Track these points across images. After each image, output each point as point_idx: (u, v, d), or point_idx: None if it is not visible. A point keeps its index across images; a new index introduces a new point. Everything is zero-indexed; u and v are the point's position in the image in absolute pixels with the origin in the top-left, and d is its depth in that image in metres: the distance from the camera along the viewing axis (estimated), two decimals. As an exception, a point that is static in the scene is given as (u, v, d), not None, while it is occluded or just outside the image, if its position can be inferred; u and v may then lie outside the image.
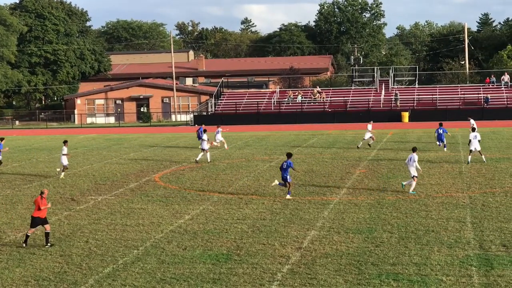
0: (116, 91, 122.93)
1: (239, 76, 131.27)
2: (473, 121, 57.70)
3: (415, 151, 34.46)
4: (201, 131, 52.34)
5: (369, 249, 23.06)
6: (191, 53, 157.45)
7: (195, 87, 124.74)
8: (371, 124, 58.52)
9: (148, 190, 36.73)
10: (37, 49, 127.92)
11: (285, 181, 33.24)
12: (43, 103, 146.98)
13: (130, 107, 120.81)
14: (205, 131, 49.65)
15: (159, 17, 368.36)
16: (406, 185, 34.03)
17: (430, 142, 58.50)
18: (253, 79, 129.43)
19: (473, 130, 45.53)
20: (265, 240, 24.78)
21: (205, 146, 48.53)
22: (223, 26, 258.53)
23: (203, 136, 48.89)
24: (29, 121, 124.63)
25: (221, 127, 59.29)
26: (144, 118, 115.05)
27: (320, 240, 24.40)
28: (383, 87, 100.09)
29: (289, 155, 34.61)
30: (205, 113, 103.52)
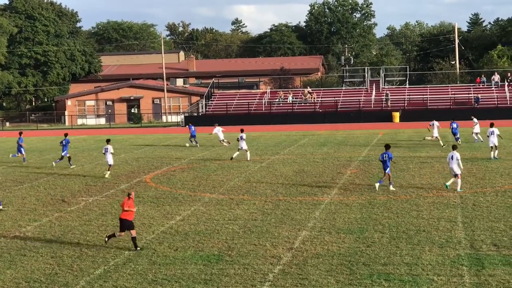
0: (106, 92, 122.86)
1: (230, 76, 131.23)
2: (476, 120, 58.22)
3: (456, 148, 34.46)
4: (191, 129, 59.57)
5: (360, 249, 23.07)
6: (182, 54, 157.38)
7: (185, 88, 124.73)
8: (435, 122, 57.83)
9: (139, 191, 36.67)
10: (27, 50, 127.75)
11: (385, 172, 34.48)
12: (34, 104, 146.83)
13: (120, 108, 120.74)
14: (242, 131, 50.22)
15: (150, 18, 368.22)
16: (450, 185, 34.02)
17: (421, 142, 58.62)
18: (243, 79, 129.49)
19: (491, 125, 46.32)
20: (256, 240, 24.77)
21: (244, 145, 49.29)
22: (213, 26, 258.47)
23: (241, 135, 49.60)
24: (19, 123, 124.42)
25: (221, 127, 61.86)
26: (134, 119, 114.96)
27: (311, 240, 24.40)
28: (373, 87, 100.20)
29: (388, 146, 35.77)
30: (196, 114, 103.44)
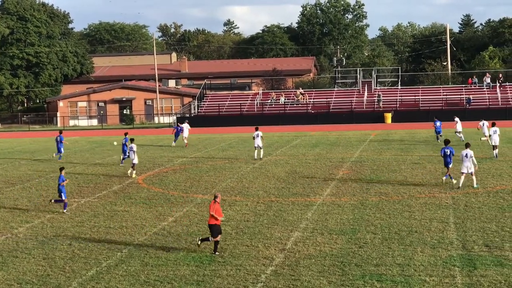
0: (98, 93, 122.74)
1: (222, 77, 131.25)
2: (457, 118, 59.47)
3: (469, 146, 35.12)
4: (180, 129, 62.33)
5: (352, 250, 23.10)
6: (174, 55, 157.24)
7: (178, 89, 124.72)
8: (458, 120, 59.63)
9: (131, 192, 36.65)
10: (19, 51, 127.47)
11: (447, 167, 35.70)
12: (26, 105, 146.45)
13: (113, 109, 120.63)
14: (257, 129, 51.05)
15: (142, 19, 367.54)
16: (476, 187, 34.60)
17: (413, 142, 58.73)
18: (236, 80, 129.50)
19: (493, 125, 47.38)
20: (248, 241, 24.78)
21: (259, 142, 50.23)
22: (205, 27, 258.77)
23: (257, 133, 50.48)
24: (11, 124, 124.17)
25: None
26: (127, 120, 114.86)
27: (303, 241, 24.41)
28: (365, 88, 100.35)
29: (448, 141, 36.61)
30: (188, 115, 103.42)
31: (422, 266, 21.04)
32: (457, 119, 60.30)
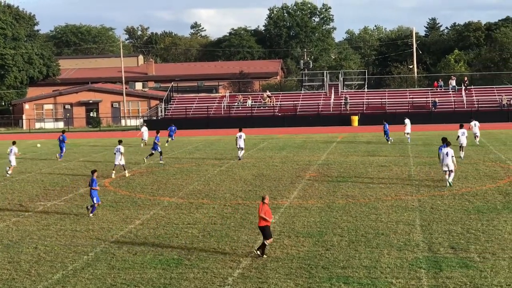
0: (65, 96, 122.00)
1: (189, 80, 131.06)
2: (407, 120, 62.08)
3: (449, 145, 35.85)
4: (174, 129, 67.09)
5: (319, 253, 23.16)
6: (141, 58, 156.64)
7: (144, 91, 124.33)
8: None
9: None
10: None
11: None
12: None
13: (79, 112, 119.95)
14: (240, 130, 51.87)
15: (108, 21, 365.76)
16: (451, 182, 35.61)
17: (380, 144, 59.02)
18: (203, 83, 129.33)
19: (461, 127, 48.41)
20: (215, 244, 24.76)
21: (241, 144, 51.08)
22: (172, 30, 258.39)
23: (240, 133, 51.14)
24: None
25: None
26: (93, 123, 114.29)
27: (270, 244, 24.43)
28: (332, 91, 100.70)
29: (447, 142, 36.41)
30: (155, 118, 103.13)
31: (388, 268, 21.14)
32: (407, 121, 63.04)
